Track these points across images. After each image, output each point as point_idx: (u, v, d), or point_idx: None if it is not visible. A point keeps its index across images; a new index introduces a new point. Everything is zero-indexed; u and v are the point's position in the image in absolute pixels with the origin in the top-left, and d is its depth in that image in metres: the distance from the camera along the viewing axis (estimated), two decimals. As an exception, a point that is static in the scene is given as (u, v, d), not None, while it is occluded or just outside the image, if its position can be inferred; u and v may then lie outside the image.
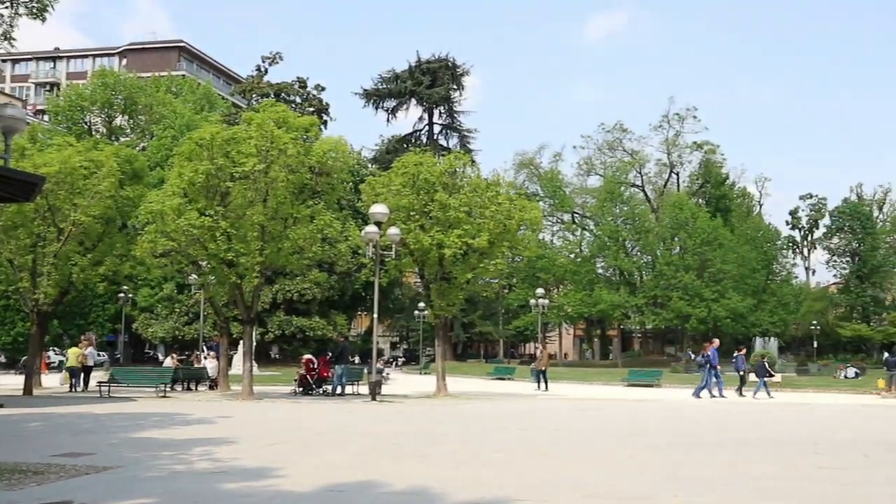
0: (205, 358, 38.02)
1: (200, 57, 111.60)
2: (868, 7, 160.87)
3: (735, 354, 35.66)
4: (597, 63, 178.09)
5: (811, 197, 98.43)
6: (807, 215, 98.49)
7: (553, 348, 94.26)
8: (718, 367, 32.94)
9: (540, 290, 58.79)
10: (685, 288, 69.80)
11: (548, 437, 16.44)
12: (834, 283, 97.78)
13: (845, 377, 52.49)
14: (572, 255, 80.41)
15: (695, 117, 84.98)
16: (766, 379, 34.01)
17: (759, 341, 68.69)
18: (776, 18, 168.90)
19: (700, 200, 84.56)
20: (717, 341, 35.58)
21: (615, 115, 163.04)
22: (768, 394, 33.25)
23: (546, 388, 37.28)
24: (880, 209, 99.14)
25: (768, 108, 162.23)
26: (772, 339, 71.19)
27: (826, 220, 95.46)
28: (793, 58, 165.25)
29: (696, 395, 32.18)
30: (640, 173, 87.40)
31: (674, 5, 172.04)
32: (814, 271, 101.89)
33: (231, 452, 12.74)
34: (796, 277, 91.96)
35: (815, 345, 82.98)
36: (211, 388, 33.95)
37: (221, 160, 27.59)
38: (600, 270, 79.96)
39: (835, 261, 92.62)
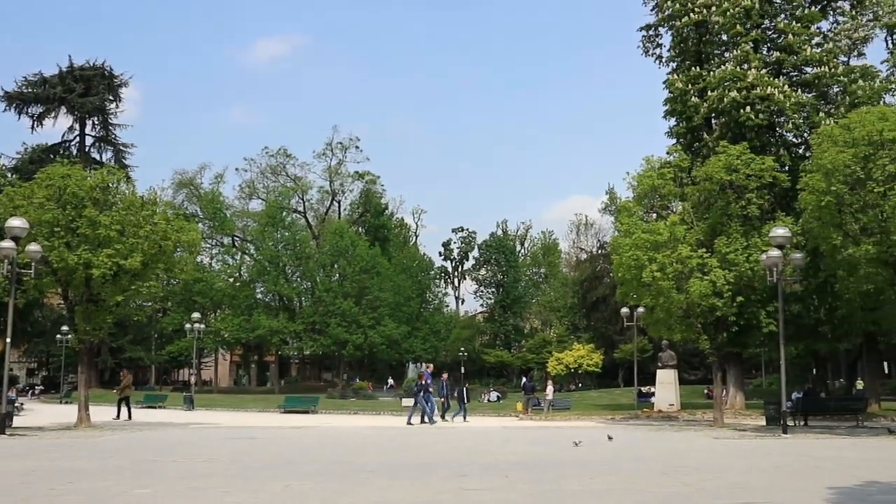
0: None
1: None
2: (514, 58, 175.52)
3: (441, 380, 37.06)
4: (263, 86, 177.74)
5: (462, 230, 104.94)
6: (458, 247, 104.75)
7: (208, 374, 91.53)
8: (431, 391, 33.97)
9: (196, 315, 56.81)
10: (343, 314, 70.95)
11: (200, 468, 15.60)
12: (481, 312, 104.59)
13: (489, 400, 56.06)
14: (231, 280, 78.90)
15: (357, 147, 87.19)
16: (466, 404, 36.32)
17: (411, 367, 71.52)
18: (434, 58, 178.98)
19: (360, 229, 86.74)
20: (431, 366, 37.15)
21: (279, 139, 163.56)
22: (465, 418, 35.26)
23: (129, 416, 35.42)
24: (522, 244, 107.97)
25: (425, 142, 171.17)
26: (423, 364, 74.34)
27: (475, 253, 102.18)
28: (447, 96, 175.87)
29: (430, 420, 33.04)
30: (302, 199, 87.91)
31: (340, 36, 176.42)
32: (463, 300, 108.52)
33: None
34: (447, 306, 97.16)
35: (463, 370, 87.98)
36: None
37: None
38: (260, 295, 79.16)
39: (482, 291, 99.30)
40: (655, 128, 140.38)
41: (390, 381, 75.63)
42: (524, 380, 55.20)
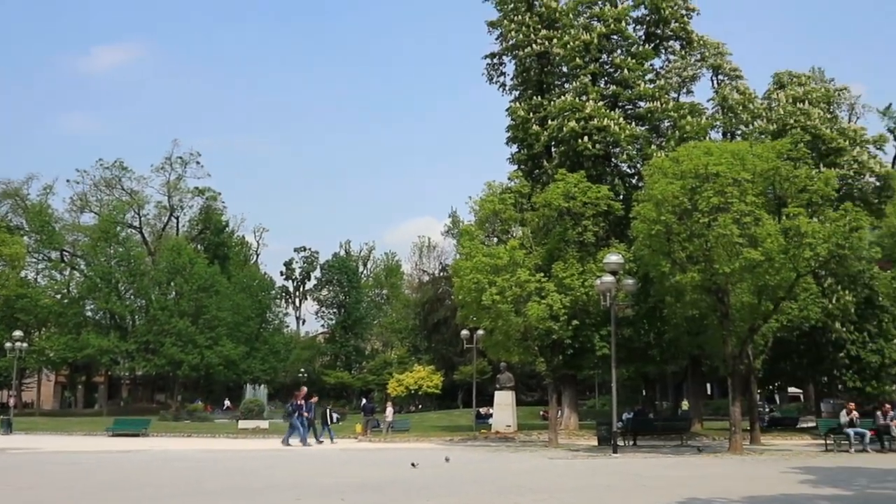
0: None
1: None
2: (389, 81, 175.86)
3: (310, 402, 36.31)
4: (99, 96, 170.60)
5: (305, 249, 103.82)
6: (300, 267, 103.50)
7: (30, 396, 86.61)
8: (305, 415, 33.82)
9: (18, 333, 53.57)
10: (179, 333, 68.65)
11: (16, 497, 14.67)
12: (322, 333, 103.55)
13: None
14: (59, 296, 74.99)
15: (198, 163, 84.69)
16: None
17: (249, 388, 69.89)
18: (283, 74, 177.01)
19: (199, 246, 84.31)
20: (304, 389, 36.83)
21: (116, 151, 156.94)
22: (331, 440, 34.86)
23: None
24: (365, 265, 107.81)
25: (270, 159, 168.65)
26: (262, 386, 72.89)
27: (317, 273, 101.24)
28: (294, 114, 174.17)
29: (304, 442, 32.86)
30: (138, 214, 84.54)
31: (185, 46, 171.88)
32: (304, 321, 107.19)
33: None
34: (288, 326, 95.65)
35: (306, 390, 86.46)
36: None
37: None
38: (89, 313, 75.52)
39: (323, 311, 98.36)
40: (500, 154, 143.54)
41: (227, 402, 73.59)
42: (364, 401, 54.97)
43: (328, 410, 37.74)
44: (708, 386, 68.91)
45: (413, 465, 21.32)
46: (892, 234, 31.84)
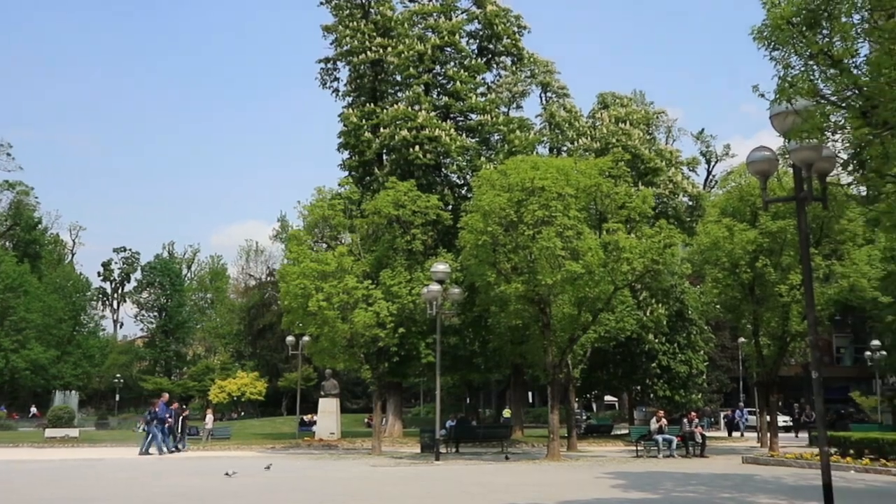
0: None
1: None
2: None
3: (170, 408, 34.41)
4: None
5: (125, 250, 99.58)
6: (119, 268, 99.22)
7: None
8: (168, 422, 32.75)
9: None
10: (-18, 336, 64.38)
11: None
12: (141, 337, 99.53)
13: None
14: None
15: (9, 154, 79.76)
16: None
17: (58, 395, 66.12)
18: (111, 69, 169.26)
19: (8, 243, 79.44)
20: (166, 395, 34.88)
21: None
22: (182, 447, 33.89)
23: None
24: (189, 268, 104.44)
25: (91, 156, 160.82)
26: (73, 392, 69.21)
27: (138, 274, 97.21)
28: (121, 111, 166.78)
29: (145, 451, 31.63)
30: (-61, 207, 78.86)
31: (9, 32, 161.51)
32: (122, 324, 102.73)
33: None
34: (104, 329, 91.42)
35: (118, 398, 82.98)
36: None
37: None
38: None
39: (143, 315, 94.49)
40: (331, 159, 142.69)
41: (34, 409, 69.38)
42: (157, 408, 53.15)
43: (182, 418, 36.07)
44: (530, 394, 70.84)
45: (228, 474, 20.75)
46: (702, 252, 33.65)
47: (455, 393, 67.32)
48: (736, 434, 48.26)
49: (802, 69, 13.45)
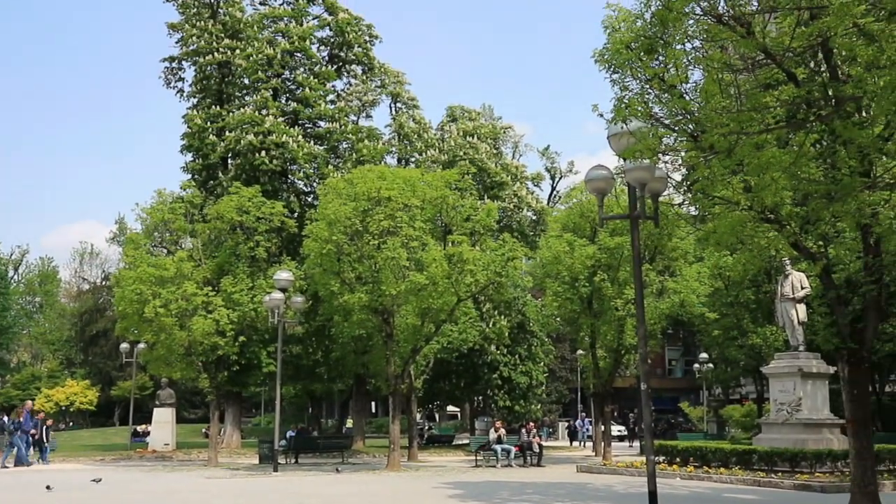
0: None
1: None
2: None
3: (35, 419, 31.90)
4: None
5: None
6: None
7: None
8: (32, 432, 31.13)
9: None
10: None
11: None
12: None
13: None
14: None
15: None
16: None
17: None
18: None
19: None
20: (29, 404, 32.44)
21: None
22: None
23: None
24: (16, 269, 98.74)
25: None
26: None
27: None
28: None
29: (23, 462, 29.97)
30: None
31: None
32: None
33: None
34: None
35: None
36: None
37: None
38: None
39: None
40: (174, 161, 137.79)
41: None
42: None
43: (45, 428, 33.77)
44: (373, 404, 70.73)
45: (48, 488, 19.69)
46: (544, 266, 34.58)
47: (297, 403, 66.34)
48: (577, 444, 49.65)
49: (638, 92, 14.00)
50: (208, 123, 42.43)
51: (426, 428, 51.54)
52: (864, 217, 13.05)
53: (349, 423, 53.26)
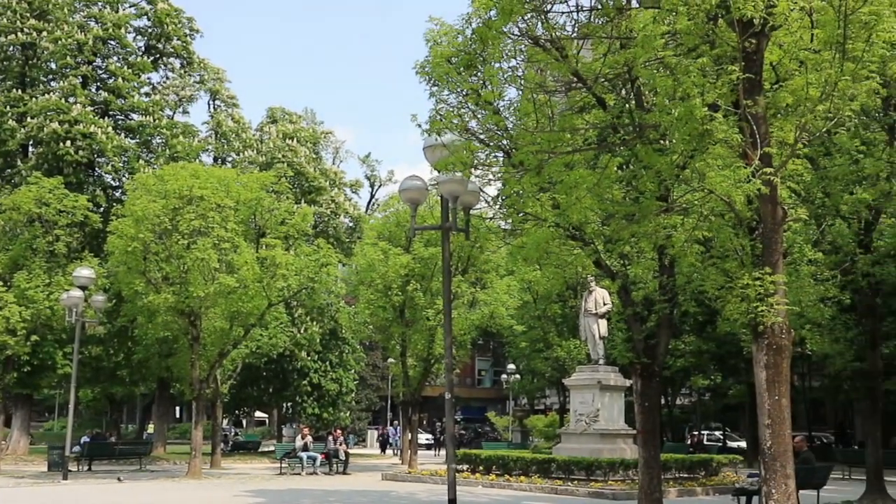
0: None
1: None
2: None
3: None
4: None
5: None
6: None
7: None
8: None
9: None
10: None
11: None
12: None
13: None
14: None
15: None
16: None
17: None
18: None
19: None
20: None
21: None
22: None
23: None
24: None
25: None
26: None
27: None
28: None
29: None
30: None
31: None
32: None
33: None
34: None
35: None
36: None
37: None
38: None
39: None
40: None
41: None
42: None
43: None
44: (177, 409, 68.41)
45: None
46: (358, 273, 34.65)
47: (95, 407, 63.03)
48: (390, 452, 49.76)
49: (455, 105, 14.24)
50: (8, 108, 39.65)
51: (232, 434, 50.31)
52: (660, 239, 13.72)
53: (151, 428, 51.19)
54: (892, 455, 22.22)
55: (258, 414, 66.88)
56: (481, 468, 25.89)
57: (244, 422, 70.11)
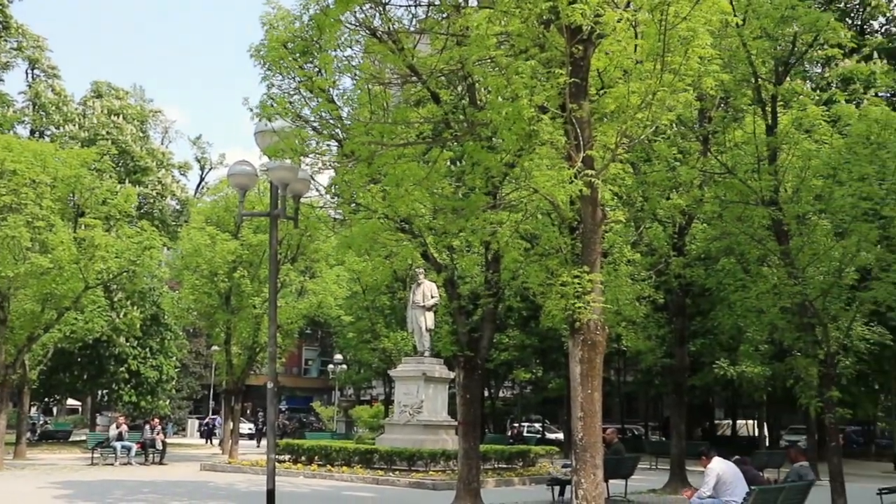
0: None
1: None
2: None
3: None
4: None
5: None
6: None
7: None
8: None
9: None
10: None
11: None
12: None
13: None
14: None
15: None
16: None
17: None
18: None
19: None
20: None
21: None
22: None
23: None
24: None
25: None
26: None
27: None
28: None
29: None
30: None
31: None
32: None
33: None
34: None
35: None
36: None
37: None
38: None
39: None
40: None
41: None
42: None
43: None
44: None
45: None
46: (183, 257, 33.56)
47: None
48: (216, 442, 48.32)
49: (288, 91, 14.03)
50: None
51: (40, 423, 47.72)
52: (486, 234, 14.01)
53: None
54: (693, 446, 23.54)
55: (71, 402, 63.64)
56: (303, 458, 25.66)
57: (55, 410, 66.65)
